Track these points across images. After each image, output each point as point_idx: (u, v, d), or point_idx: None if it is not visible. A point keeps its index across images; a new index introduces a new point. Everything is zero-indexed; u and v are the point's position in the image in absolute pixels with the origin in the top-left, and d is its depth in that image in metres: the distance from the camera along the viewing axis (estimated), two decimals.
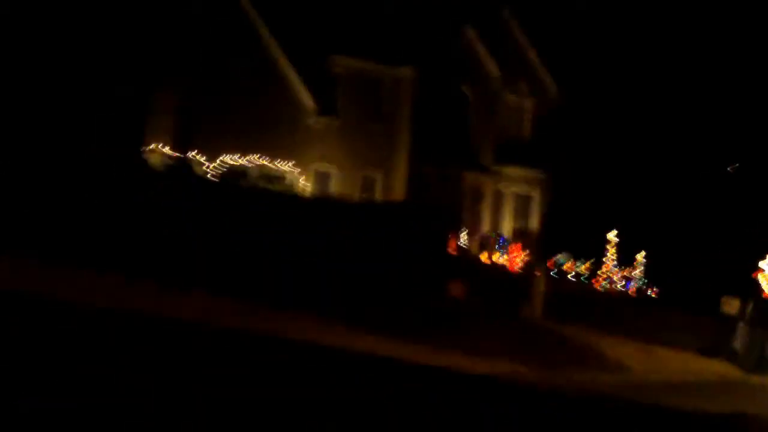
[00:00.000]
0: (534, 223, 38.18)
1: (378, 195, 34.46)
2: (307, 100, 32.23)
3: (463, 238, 35.04)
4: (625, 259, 33.49)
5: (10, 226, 17.29)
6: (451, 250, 33.22)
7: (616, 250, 32.98)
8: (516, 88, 38.06)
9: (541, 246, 37.10)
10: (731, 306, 22.34)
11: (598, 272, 33.18)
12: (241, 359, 12.26)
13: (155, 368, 10.46)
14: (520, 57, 38.62)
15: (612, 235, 32.96)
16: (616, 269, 33.00)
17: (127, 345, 11.68)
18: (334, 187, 33.52)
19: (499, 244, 35.22)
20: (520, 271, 32.28)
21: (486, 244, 35.57)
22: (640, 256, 32.98)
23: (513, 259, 33.00)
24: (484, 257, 33.55)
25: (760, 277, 26.64)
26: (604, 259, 33.00)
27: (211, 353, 12.31)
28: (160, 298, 15.52)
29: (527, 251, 34.99)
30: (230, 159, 30.66)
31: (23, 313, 12.14)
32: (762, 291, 25.90)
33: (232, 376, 10.73)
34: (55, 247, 16.90)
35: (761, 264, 27.33)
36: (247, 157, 31.07)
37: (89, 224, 18.10)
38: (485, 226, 36.99)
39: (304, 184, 32.19)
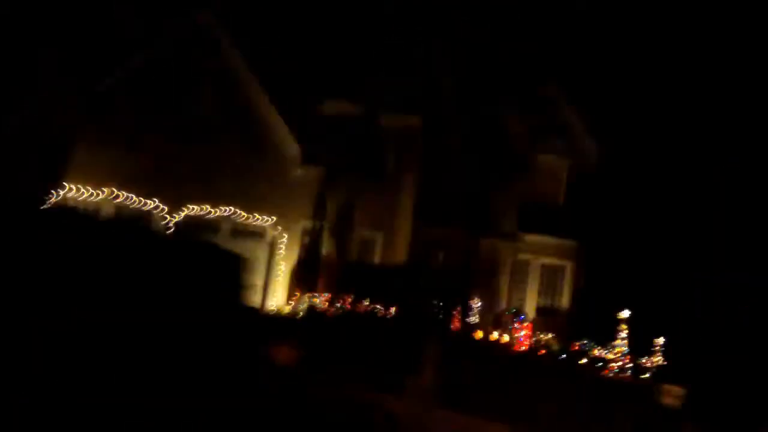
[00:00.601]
0: (564, 300, 33.18)
1: (377, 259, 30.17)
2: (292, 147, 28.26)
3: (475, 313, 30.36)
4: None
5: None
6: (454, 326, 28.75)
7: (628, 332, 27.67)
8: (547, 146, 33.52)
9: (572, 326, 32.08)
10: (674, 396, 15.35)
11: (609, 358, 27.87)
12: None
13: None
14: (553, 111, 34.23)
15: (625, 315, 27.70)
16: (627, 355, 27.66)
17: None
18: (325, 248, 29.38)
19: (517, 322, 30.37)
20: (525, 351, 27.42)
21: (500, 322, 30.75)
22: (659, 341, 27.52)
23: (520, 337, 28.12)
24: (493, 337, 28.74)
25: None
26: (616, 343, 27.73)
27: None
28: None
29: (547, 332, 30.13)
30: (196, 207, 26.84)
31: None
32: None
33: None
34: None
35: None
36: (218, 210, 27.17)
37: None
38: (504, 301, 32.21)
39: (286, 242, 28.13)
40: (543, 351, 27.83)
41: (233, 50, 27.41)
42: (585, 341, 30.01)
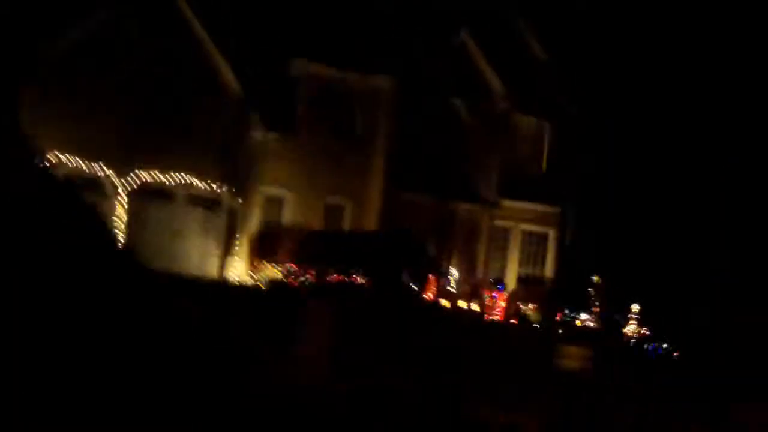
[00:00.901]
0: (547, 269, 31.71)
1: (347, 226, 28.77)
2: (253, 111, 26.70)
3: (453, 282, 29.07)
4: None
5: None
6: (429, 294, 27.40)
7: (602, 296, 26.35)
8: (527, 108, 31.94)
9: (554, 295, 30.70)
10: (574, 357, 13.21)
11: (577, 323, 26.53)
12: None
13: None
14: (534, 72, 32.68)
15: (596, 280, 26.28)
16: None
17: None
18: (289, 215, 27.98)
19: (494, 291, 28.98)
20: (499, 320, 26.06)
21: (478, 291, 29.35)
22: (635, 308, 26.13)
23: (496, 306, 26.74)
24: (462, 305, 27.34)
25: None
26: (593, 310, 26.38)
27: None
28: None
29: (528, 301, 28.85)
30: (147, 175, 25.45)
31: None
32: None
33: None
34: None
35: None
36: (174, 177, 25.74)
37: None
38: (484, 270, 30.79)
39: (246, 211, 26.69)
40: (515, 320, 26.49)
41: (192, 12, 25.91)
42: (567, 310, 28.70)
